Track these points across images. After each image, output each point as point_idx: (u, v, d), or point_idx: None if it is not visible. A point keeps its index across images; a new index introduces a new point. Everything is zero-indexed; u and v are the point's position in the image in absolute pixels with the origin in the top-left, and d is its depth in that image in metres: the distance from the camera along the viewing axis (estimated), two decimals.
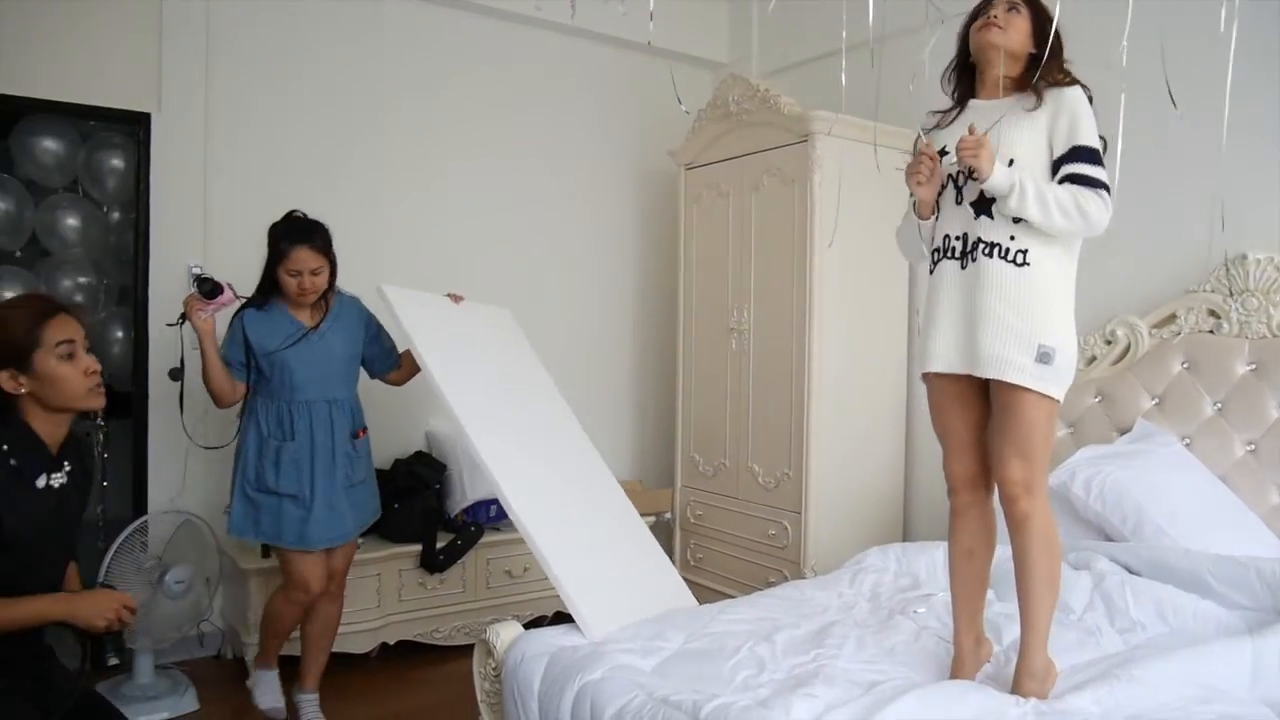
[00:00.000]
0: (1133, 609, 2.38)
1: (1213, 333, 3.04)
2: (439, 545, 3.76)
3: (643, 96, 4.75)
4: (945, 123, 2.14)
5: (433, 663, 3.71)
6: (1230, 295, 2.98)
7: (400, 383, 3.27)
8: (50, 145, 4.19)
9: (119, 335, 4.32)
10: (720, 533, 4.07)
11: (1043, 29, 2.00)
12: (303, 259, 2.89)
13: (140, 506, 3.62)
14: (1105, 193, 1.92)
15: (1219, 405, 2.98)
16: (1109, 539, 2.82)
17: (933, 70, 2.17)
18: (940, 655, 2.20)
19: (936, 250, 2.08)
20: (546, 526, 2.61)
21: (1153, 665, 1.99)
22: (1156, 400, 3.12)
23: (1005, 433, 1.97)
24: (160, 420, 3.58)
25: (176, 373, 3.12)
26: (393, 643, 3.71)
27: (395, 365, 3.22)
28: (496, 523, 3.94)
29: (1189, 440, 3.00)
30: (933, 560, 2.84)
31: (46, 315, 1.92)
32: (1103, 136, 1.98)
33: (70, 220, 4.30)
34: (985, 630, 2.19)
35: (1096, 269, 2.83)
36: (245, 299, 3.01)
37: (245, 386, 2.98)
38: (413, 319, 2.97)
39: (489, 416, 2.86)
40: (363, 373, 3.19)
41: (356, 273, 3.28)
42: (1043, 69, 1.95)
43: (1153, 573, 2.51)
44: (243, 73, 3.80)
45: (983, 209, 1.98)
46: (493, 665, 2.39)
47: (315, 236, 2.92)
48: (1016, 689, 1.95)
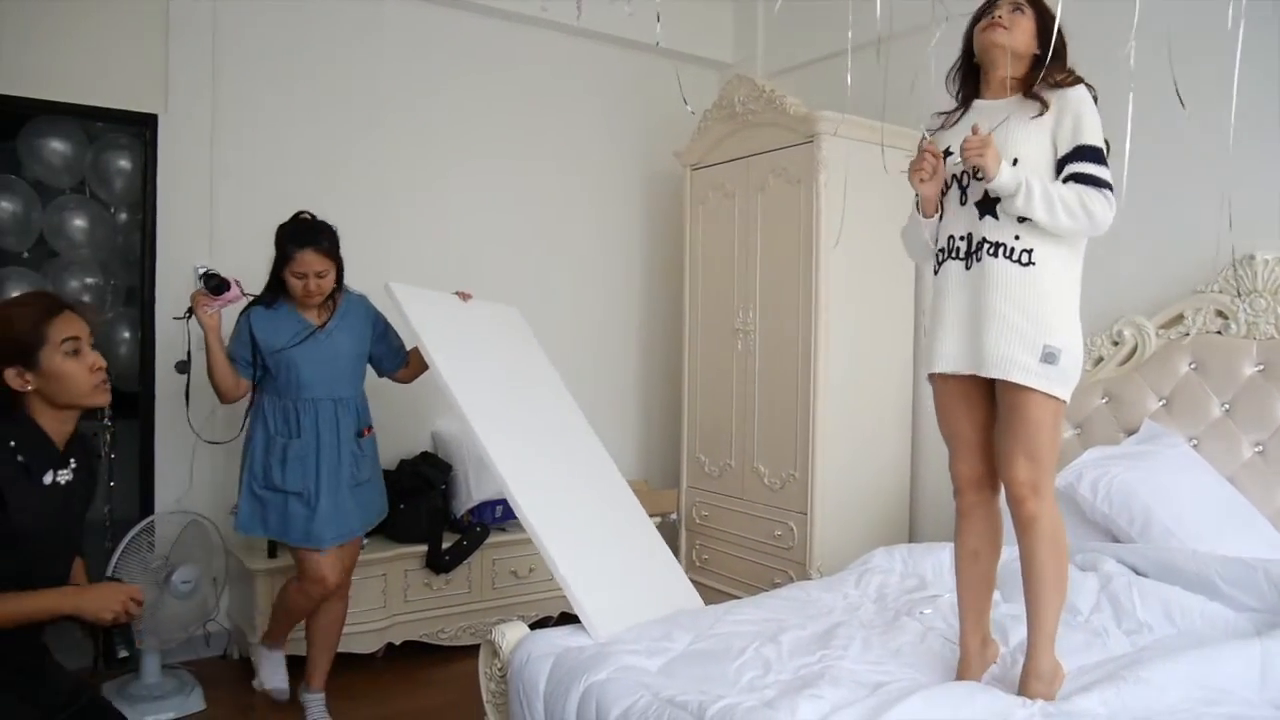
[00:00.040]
0: (1140, 610, 2.37)
1: (1220, 333, 3.02)
2: (445, 546, 3.76)
3: (648, 97, 4.75)
4: (950, 123, 2.13)
5: (438, 663, 3.71)
6: (1238, 295, 2.97)
7: (408, 380, 3.28)
8: (58, 146, 4.22)
9: (126, 336, 4.34)
10: (726, 533, 4.07)
11: (1047, 29, 1.99)
12: (308, 261, 2.89)
13: (147, 506, 3.63)
14: (1109, 192, 1.91)
15: (1227, 406, 2.97)
16: (1116, 540, 2.81)
17: (938, 70, 2.17)
18: (946, 656, 2.19)
19: (941, 251, 2.08)
20: (553, 525, 2.61)
21: (1160, 667, 1.98)
22: (1164, 401, 3.11)
23: (1011, 433, 1.96)
24: (167, 420, 3.60)
25: (183, 365, 3.13)
26: (398, 643, 3.71)
27: (403, 363, 3.22)
28: (502, 523, 3.95)
29: (1197, 441, 2.98)
30: (939, 561, 2.84)
31: (52, 312, 1.93)
32: (1106, 140, 1.97)
33: (77, 221, 4.32)
34: (991, 631, 2.19)
35: (1103, 269, 2.83)
36: (252, 296, 3.02)
37: (249, 383, 2.98)
38: (421, 317, 2.97)
39: (497, 415, 2.86)
40: (370, 372, 3.20)
41: (363, 272, 3.28)
42: (1045, 70, 1.95)
43: (1160, 574, 2.50)
44: (249, 74, 3.81)
45: (987, 209, 1.98)
46: (498, 666, 2.39)
47: (321, 239, 2.91)
48: (1023, 690, 1.94)
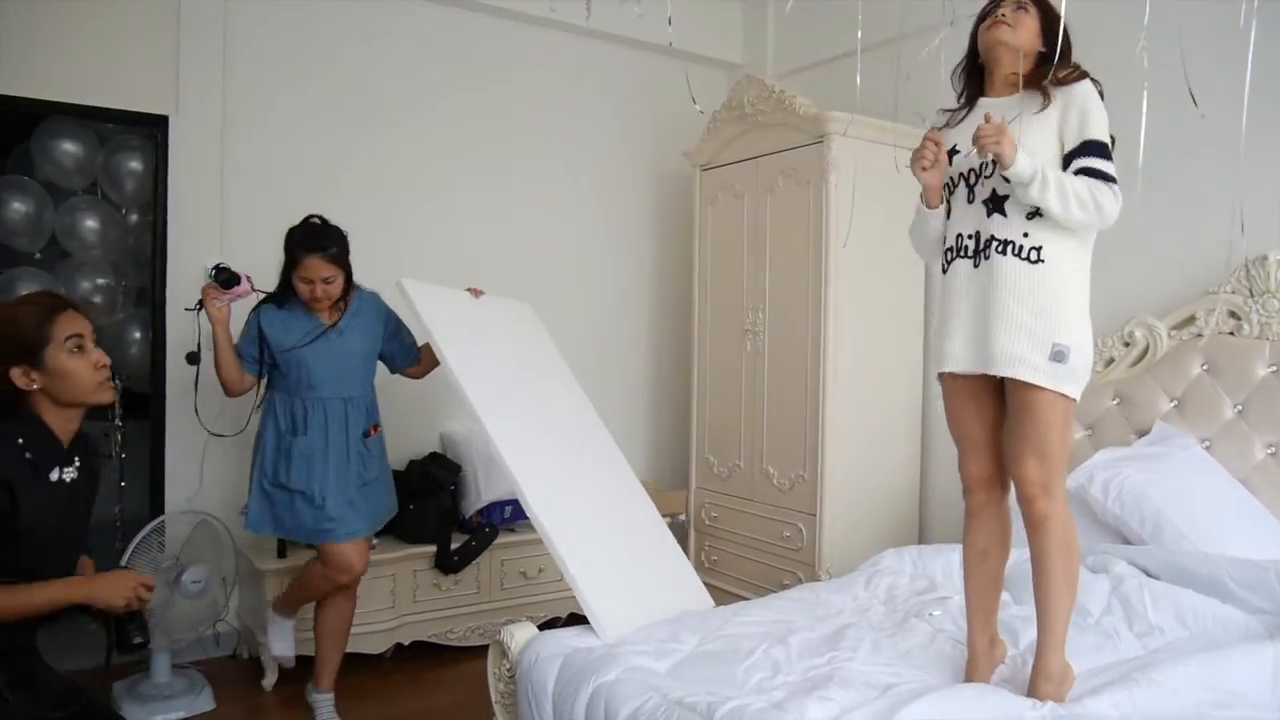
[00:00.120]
0: (1151, 612, 2.36)
1: (1233, 334, 3.01)
2: (453, 546, 3.77)
3: (658, 97, 4.75)
4: (955, 121, 2.13)
5: (447, 663, 3.71)
6: (1250, 296, 2.95)
7: (420, 376, 3.29)
8: (69, 148, 4.24)
9: (137, 336, 4.35)
10: (735, 535, 4.06)
11: (1051, 28, 1.99)
12: (315, 267, 2.89)
13: (157, 507, 3.64)
14: (1116, 187, 1.91)
15: (1239, 408, 2.95)
16: (1127, 542, 2.79)
17: (948, 70, 2.16)
18: (956, 658, 2.19)
19: (949, 250, 2.07)
20: (563, 524, 2.61)
21: (1172, 669, 1.97)
22: (1175, 402, 3.09)
23: (1021, 432, 1.96)
24: (178, 421, 3.60)
25: (194, 356, 3.13)
26: (407, 643, 3.71)
27: (415, 360, 3.23)
28: (511, 524, 3.96)
29: (1209, 443, 2.97)
30: (949, 563, 2.82)
31: (55, 311, 1.95)
32: (1111, 135, 1.96)
33: (89, 222, 4.34)
34: (1000, 632, 2.18)
35: (1115, 270, 2.81)
36: (264, 293, 3.03)
37: (254, 379, 3.00)
38: (432, 313, 2.97)
39: (508, 412, 2.85)
40: (379, 371, 3.20)
41: (374, 270, 3.29)
42: (1046, 68, 1.94)
43: (1172, 576, 2.49)
44: (259, 74, 3.82)
45: (996, 207, 1.97)
46: (507, 666, 2.39)
47: (330, 245, 2.91)
48: (1033, 691, 1.93)
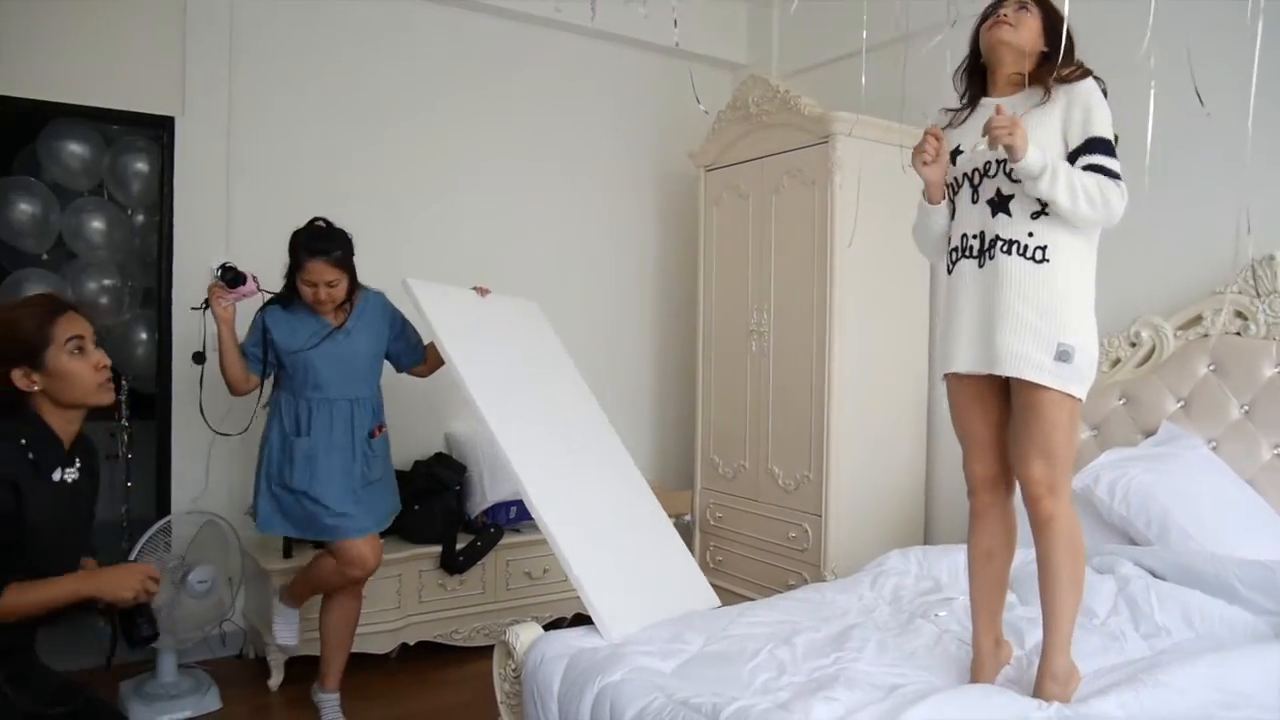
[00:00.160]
0: (1158, 614, 2.35)
1: (1240, 334, 3.00)
2: (459, 546, 3.77)
3: (662, 98, 4.75)
4: (957, 122, 2.12)
5: (452, 664, 3.72)
6: (1257, 296, 2.95)
7: (426, 375, 3.29)
8: (76, 149, 4.25)
9: (143, 337, 4.36)
10: (740, 535, 4.06)
11: (1053, 27, 1.98)
12: (318, 271, 2.89)
13: (164, 507, 3.65)
14: (1122, 183, 1.90)
15: (1246, 408, 2.94)
16: (1133, 543, 2.79)
17: (951, 69, 2.16)
18: (962, 659, 2.18)
19: (954, 250, 2.07)
20: (568, 525, 2.61)
21: (1178, 670, 1.97)
22: (1182, 403, 3.08)
23: (1026, 432, 1.95)
24: (184, 421, 3.61)
25: (199, 356, 3.14)
26: (413, 643, 3.72)
27: (421, 359, 3.23)
28: (516, 524, 3.96)
29: (1215, 443, 2.96)
30: (954, 563, 2.82)
31: (55, 313, 1.96)
32: (1115, 134, 1.96)
33: (95, 223, 4.36)
34: (1006, 633, 2.17)
35: (1121, 269, 2.81)
36: (269, 294, 3.04)
37: (258, 379, 3.00)
38: (438, 312, 2.96)
39: (513, 411, 2.85)
40: (386, 370, 3.20)
41: (380, 270, 3.29)
42: (1049, 68, 1.93)
43: (1178, 577, 2.48)
44: (265, 76, 3.83)
45: (1000, 206, 1.97)
46: (512, 666, 2.40)
47: (333, 249, 2.91)
48: (1039, 692, 1.93)
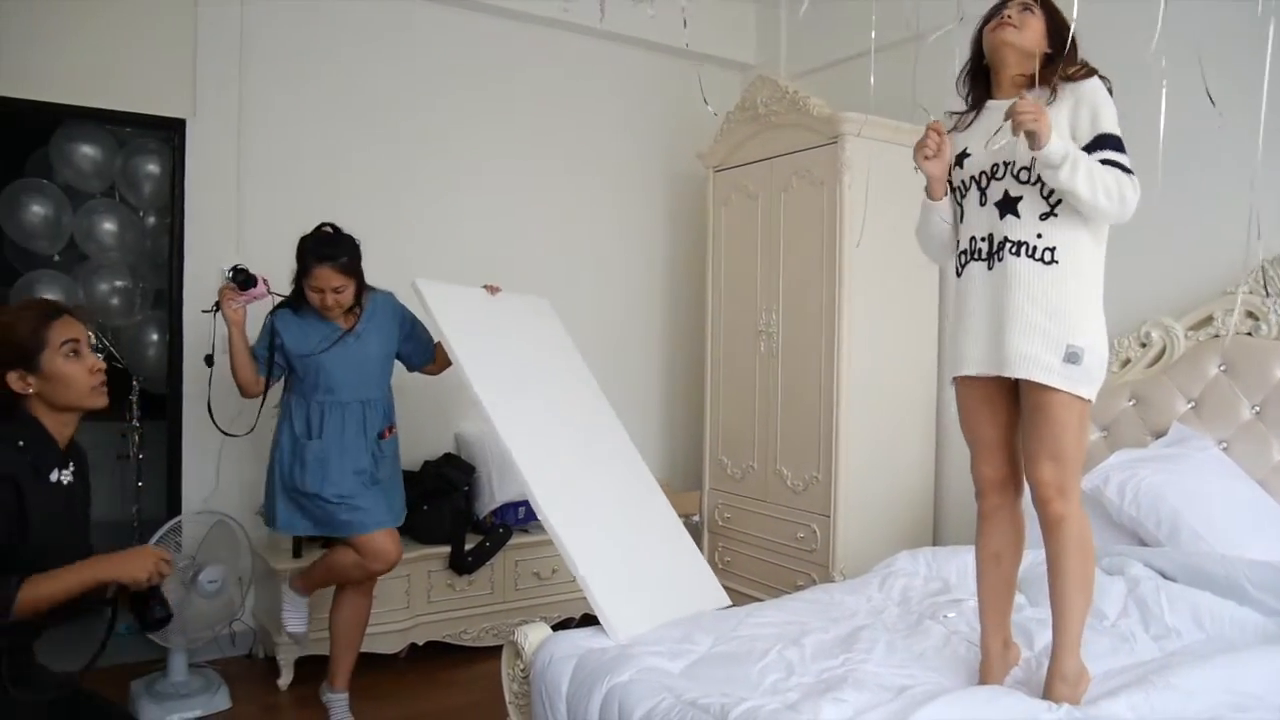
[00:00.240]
0: (1168, 615, 2.34)
1: (1251, 335, 2.99)
2: (468, 547, 3.78)
3: (671, 98, 4.75)
4: (963, 125, 2.11)
5: (461, 664, 3.73)
6: (1268, 296, 2.93)
7: (436, 373, 3.30)
8: (88, 151, 4.27)
9: (154, 338, 4.38)
10: (748, 536, 4.06)
11: (1057, 28, 1.98)
12: (325, 277, 2.90)
13: (175, 507, 3.67)
14: (1135, 179, 1.89)
15: (1257, 409, 2.93)
16: (1143, 544, 2.78)
17: (958, 68, 2.15)
18: (971, 660, 2.18)
19: (963, 253, 2.06)
20: (575, 525, 2.61)
21: (1189, 672, 1.96)
22: (1192, 404, 3.07)
23: (1036, 434, 1.95)
24: (194, 422, 3.62)
25: (209, 359, 3.16)
26: (421, 643, 3.73)
27: (431, 358, 3.24)
28: (525, 525, 3.97)
29: (1226, 444, 2.95)
30: (963, 564, 2.81)
31: (51, 317, 1.97)
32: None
33: (107, 225, 4.38)
34: (1014, 634, 2.17)
35: (1131, 270, 2.79)
36: (280, 296, 3.04)
37: (270, 380, 3.01)
38: (445, 312, 2.97)
39: (520, 411, 2.85)
40: (396, 370, 3.21)
41: (391, 270, 3.31)
42: (1053, 68, 1.92)
43: (1188, 578, 2.48)
44: (276, 77, 3.85)
45: (1008, 208, 1.96)
46: (521, 667, 2.40)
47: (340, 254, 2.91)
48: (1048, 694, 1.92)
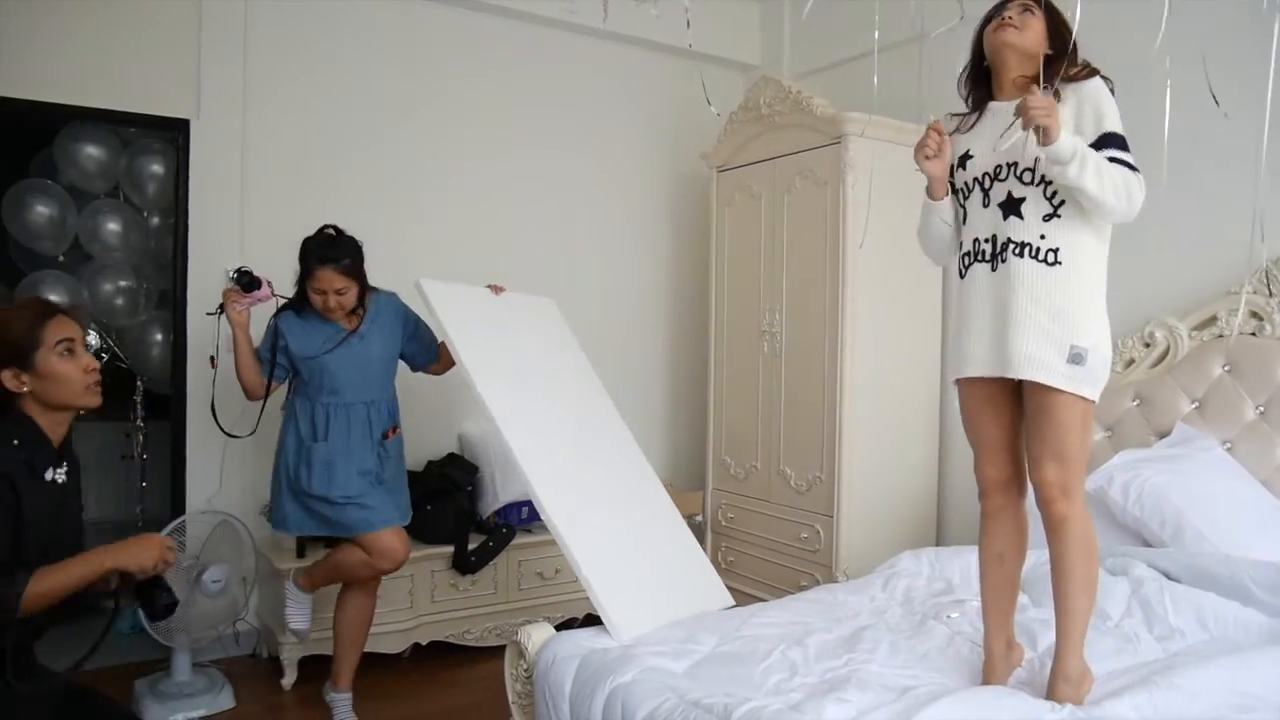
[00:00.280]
0: (1172, 616, 2.34)
1: (1255, 335, 2.98)
2: (471, 547, 3.78)
3: (675, 98, 4.75)
4: (965, 127, 2.11)
5: (464, 663, 3.73)
6: (1271, 296, 2.93)
7: (441, 373, 3.30)
8: (92, 152, 4.29)
9: (158, 338, 4.39)
10: (752, 536, 4.06)
11: (1057, 29, 1.97)
12: (327, 279, 2.90)
13: (178, 507, 3.67)
14: (1141, 177, 1.89)
15: (1261, 409, 2.92)
16: (1147, 544, 2.78)
17: (961, 68, 2.15)
18: (974, 661, 2.18)
19: (966, 255, 2.06)
20: (578, 526, 2.61)
21: (1193, 672, 1.96)
22: (1196, 404, 3.07)
23: (1039, 435, 1.95)
24: (198, 422, 3.62)
25: (214, 360, 3.17)
26: (425, 643, 3.73)
27: (435, 358, 3.24)
28: (528, 524, 3.97)
29: (1230, 445, 2.94)
30: (967, 564, 2.81)
31: (46, 316, 1.98)
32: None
33: (111, 225, 4.39)
34: (1018, 635, 2.17)
35: (1135, 270, 2.79)
36: (284, 299, 3.05)
37: (274, 383, 3.02)
38: (449, 312, 2.96)
39: (524, 411, 2.85)
40: (402, 369, 3.21)
41: (395, 270, 3.31)
42: (1056, 69, 1.92)
43: (1192, 579, 2.47)
44: (280, 77, 3.85)
45: (1012, 210, 1.96)
46: (524, 667, 2.40)
47: (342, 257, 2.91)
48: (1051, 694, 1.92)
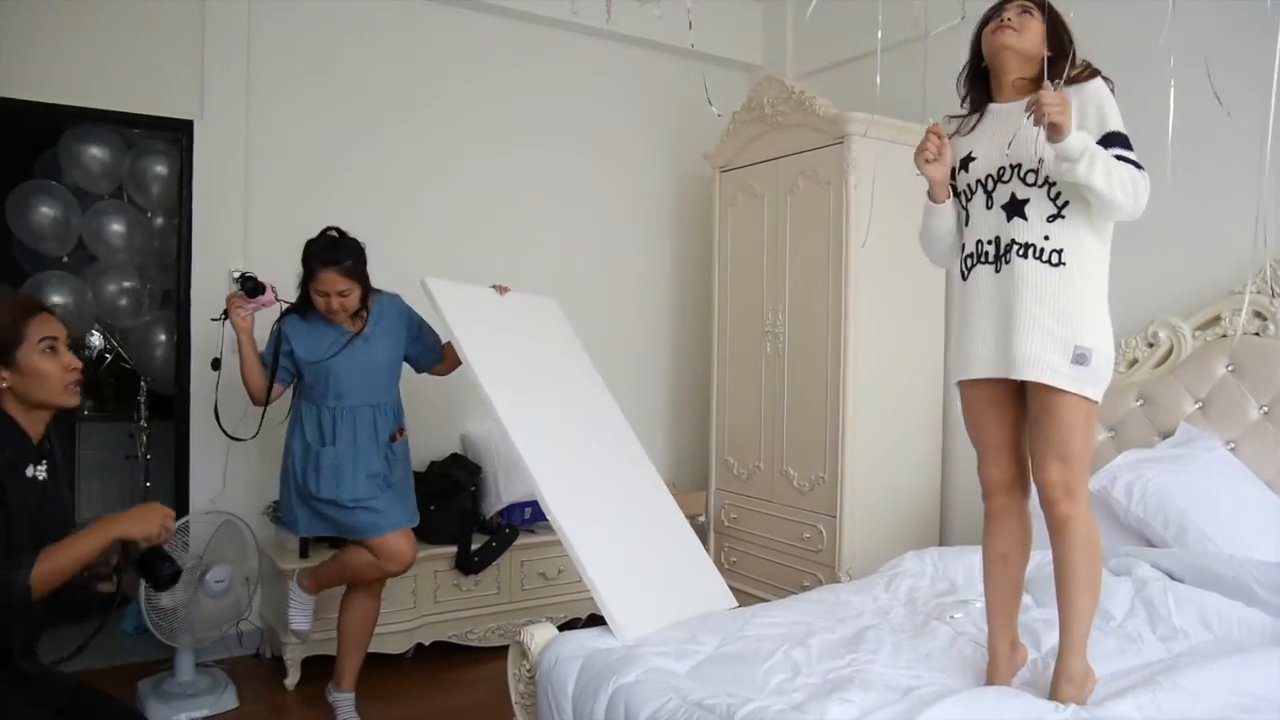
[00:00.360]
0: (1175, 616, 2.34)
1: (1259, 335, 2.98)
2: (474, 547, 3.78)
3: (678, 99, 4.75)
4: (965, 129, 2.10)
5: (467, 664, 3.73)
6: (1275, 296, 2.92)
7: (445, 374, 3.30)
8: (96, 153, 4.29)
9: (162, 338, 4.40)
10: (755, 536, 4.06)
11: (1056, 31, 1.97)
12: (330, 281, 2.90)
13: (182, 507, 3.67)
14: (1146, 175, 1.88)
15: (1265, 409, 2.92)
16: (1150, 545, 2.77)
17: (958, 68, 2.15)
18: (977, 661, 2.17)
19: (969, 256, 2.06)
20: (583, 526, 2.61)
21: (1196, 673, 1.96)
22: (1200, 404, 3.06)
23: (1043, 435, 1.95)
24: (202, 422, 3.63)
25: (216, 363, 3.18)
26: (428, 643, 3.74)
27: (439, 359, 3.24)
28: (531, 525, 3.97)
29: (1234, 445, 2.94)
30: (970, 565, 2.80)
31: (29, 313, 1.98)
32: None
33: (115, 226, 4.40)
34: (1021, 635, 2.17)
35: (1138, 270, 2.79)
36: (287, 303, 3.05)
37: (280, 387, 3.02)
38: (455, 312, 2.96)
39: (529, 411, 2.85)
40: (405, 370, 3.21)
41: (395, 271, 3.31)
42: (1056, 71, 1.92)
43: (1196, 579, 2.47)
44: (283, 78, 3.86)
45: (1015, 211, 1.96)
46: (527, 667, 2.40)
47: (345, 259, 2.91)
48: (1054, 694, 1.92)
